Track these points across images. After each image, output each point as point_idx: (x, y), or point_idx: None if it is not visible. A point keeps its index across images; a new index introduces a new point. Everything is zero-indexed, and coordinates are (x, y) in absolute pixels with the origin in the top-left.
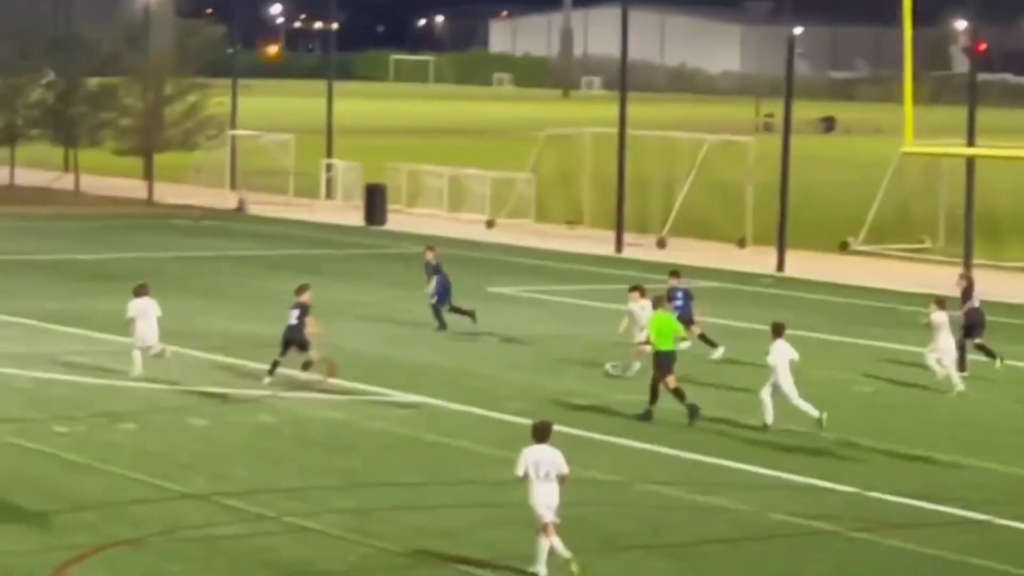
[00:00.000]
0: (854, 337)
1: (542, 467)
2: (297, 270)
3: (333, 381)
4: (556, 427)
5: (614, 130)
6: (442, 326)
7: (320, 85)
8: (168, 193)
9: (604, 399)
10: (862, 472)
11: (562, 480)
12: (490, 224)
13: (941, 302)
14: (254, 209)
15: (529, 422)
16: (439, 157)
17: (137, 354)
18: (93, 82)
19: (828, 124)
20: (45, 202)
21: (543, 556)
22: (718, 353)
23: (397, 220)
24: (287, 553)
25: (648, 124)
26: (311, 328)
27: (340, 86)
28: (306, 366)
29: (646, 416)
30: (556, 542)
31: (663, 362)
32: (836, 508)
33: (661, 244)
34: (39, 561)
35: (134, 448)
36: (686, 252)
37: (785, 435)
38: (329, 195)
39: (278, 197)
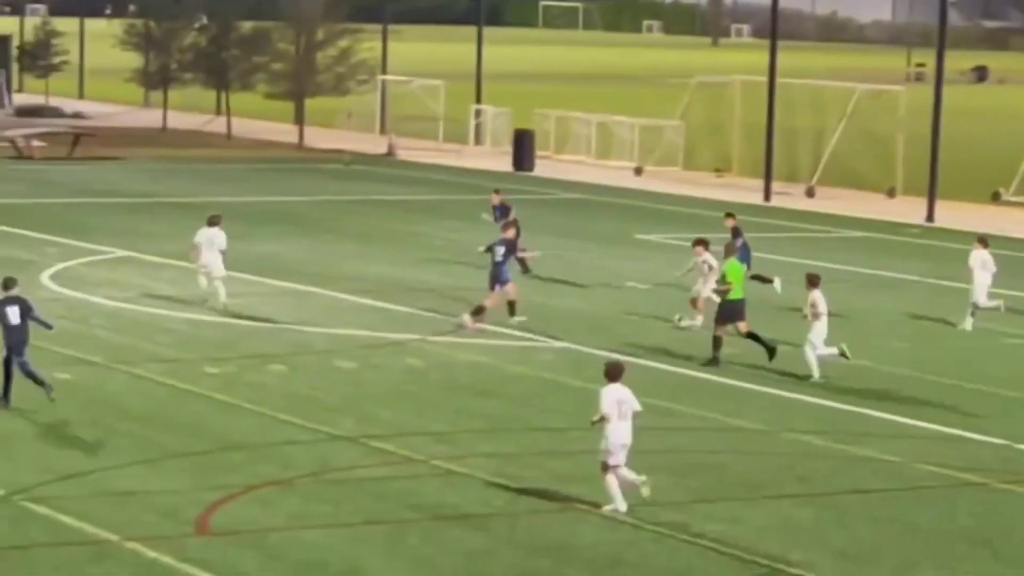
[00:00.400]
0: (1005, 289)
1: (623, 405)
2: (445, 215)
3: (479, 325)
4: (703, 376)
5: (763, 78)
6: (525, 270)
7: (470, 31)
8: (318, 137)
9: (748, 347)
10: (1011, 425)
11: (635, 417)
12: (638, 171)
13: None
14: (403, 154)
15: (677, 370)
16: (588, 104)
17: (202, 279)
18: (246, 26)
19: (980, 74)
20: (197, 145)
21: (618, 493)
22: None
23: (545, 166)
24: (433, 496)
25: (797, 73)
26: (528, 253)
27: (490, 32)
28: (477, 311)
29: (713, 362)
30: (625, 471)
31: (735, 309)
32: (985, 460)
33: (810, 193)
34: (189, 500)
35: (283, 390)
36: (835, 201)
37: (931, 387)
38: (478, 141)
39: (427, 142)
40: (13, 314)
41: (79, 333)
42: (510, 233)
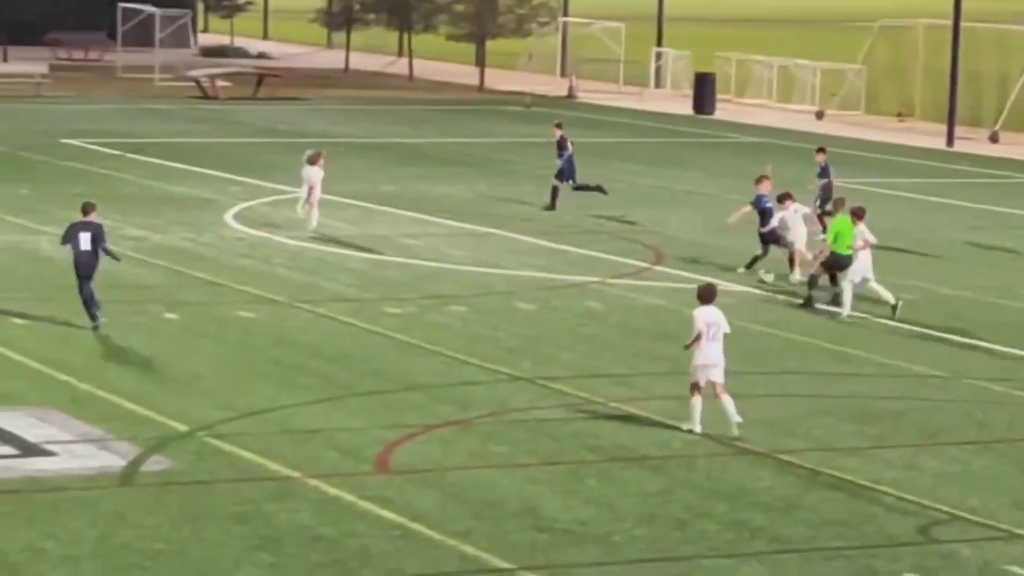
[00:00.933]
0: None
1: (713, 327)
2: (624, 158)
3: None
4: (881, 321)
5: (948, 22)
6: (551, 206)
7: None
8: (499, 79)
9: (931, 294)
10: None
11: (724, 338)
12: (819, 115)
13: None
14: (584, 96)
15: (855, 314)
16: (769, 48)
17: (300, 205)
18: None
19: None
20: (379, 86)
21: (697, 415)
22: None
23: (725, 110)
24: (610, 438)
25: (982, 17)
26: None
27: None
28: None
29: (808, 303)
30: (728, 403)
31: (839, 263)
32: None
33: (994, 139)
34: (370, 438)
35: (463, 330)
36: (1019, 147)
37: None
38: (658, 84)
39: (608, 85)
40: (84, 240)
41: (262, 272)
42: (764, 187)
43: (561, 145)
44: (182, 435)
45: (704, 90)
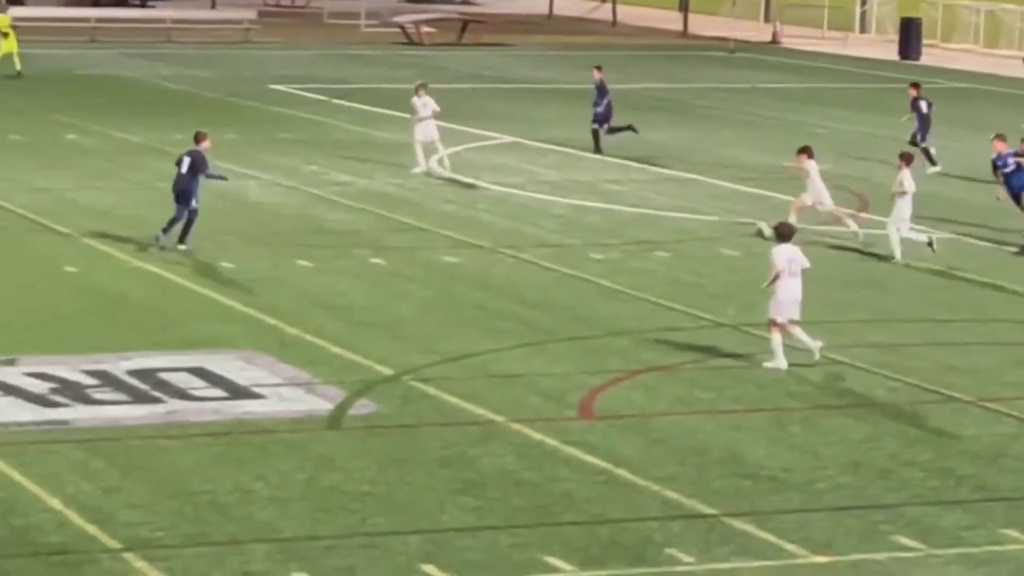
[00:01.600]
0: None
1: (792, 263)
2: (827, 103)
3: None
4: None
5: None
6: (598, 150)
7: None
8: (703, 25)
9: None
10: None
11: (803, 273)
12: None
13: None
14: (787, 42)
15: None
16: None
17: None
18: None
19: None
20: (582, 32)
21: (780, 350)
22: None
23: (931, 55)
24: (815, 385)
25: None
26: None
27: None
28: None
29: None
30: (799, 333)
31: None
32: None
33: None
34: (573, 384)
35: (667, 276)
36: None
37: None
38: (863, 29)
39: (811, 30)
40: (184, 164)
41: (466, 218)
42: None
43: (601, 90)
44: (387, 379)
45: (910, 35)
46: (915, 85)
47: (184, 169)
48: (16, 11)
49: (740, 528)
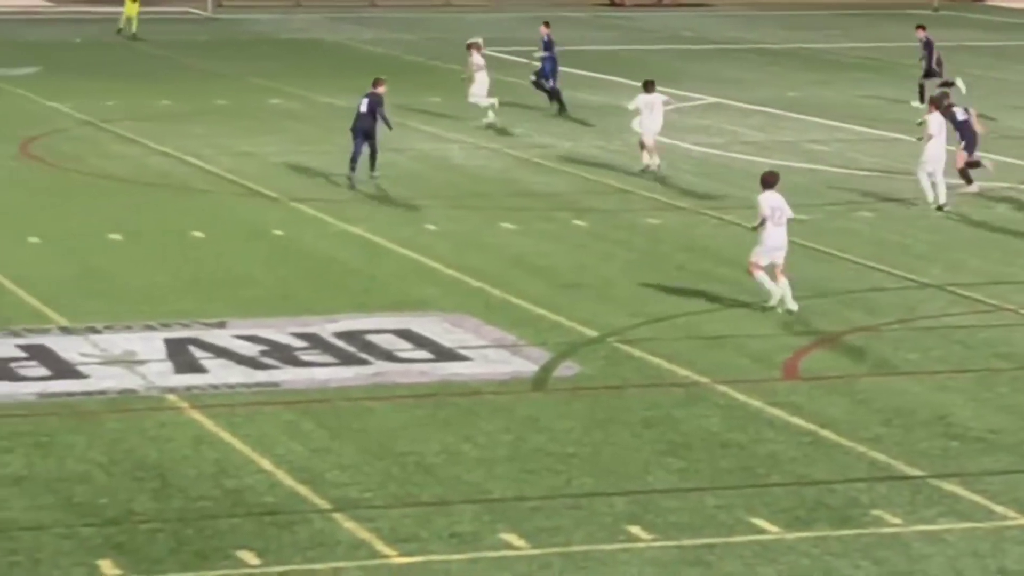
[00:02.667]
0: None
1: (778, 211)
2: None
3: None
4: None
5: None
6: (561, 109)
7: None
8: None
9: None
10: None
11: (788, 223)
12: None
13: None
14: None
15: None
16: None
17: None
18: None
19: None
20: None
21: (767, 283)
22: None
23: None
24: (1022, 345)
25: None
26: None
27: None
28: None
29: None
30: (785, 285)
31: None
32: None
33: None
34: (778, 345)
35: (871, 237)
36: None
37: None
38: None
39: None
40: (363, 104)
41: (669, 178)
42: None
43: (546, 45)
44: (591, 340)
45: None
46: (920, 27)
47: (364, 109)
48: None
49: (948, 490)
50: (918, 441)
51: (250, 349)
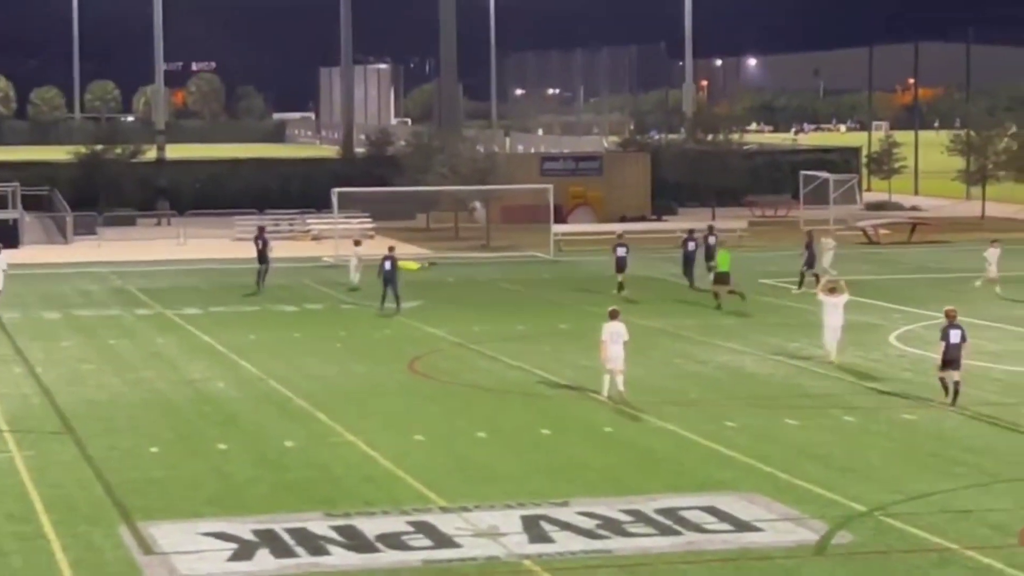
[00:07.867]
0: None
1: (616, 335)
2: None
3: None
4: None
5: None
6: None
7: None
8: None
9: None
10: None
11: (624, 345)
12: None
13: None
14: None
15: None
16: None
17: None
18: None
19: None
20: (1013, 229)
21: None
22: None
23: None
24: None
25: None
26: None
27: None
28: None
29: None
30: (620, 381)
31: None
32: None
33: None
34: (1015, 517)
35: None
36: None
37: None
38: None
39: None
40: (387, 264)
41: (921, 383)
42: None
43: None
44: (861, 514)
45: None
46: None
47: (388, 267)
48: (561, 227)
49: None
50: None
51: (588, 523)
